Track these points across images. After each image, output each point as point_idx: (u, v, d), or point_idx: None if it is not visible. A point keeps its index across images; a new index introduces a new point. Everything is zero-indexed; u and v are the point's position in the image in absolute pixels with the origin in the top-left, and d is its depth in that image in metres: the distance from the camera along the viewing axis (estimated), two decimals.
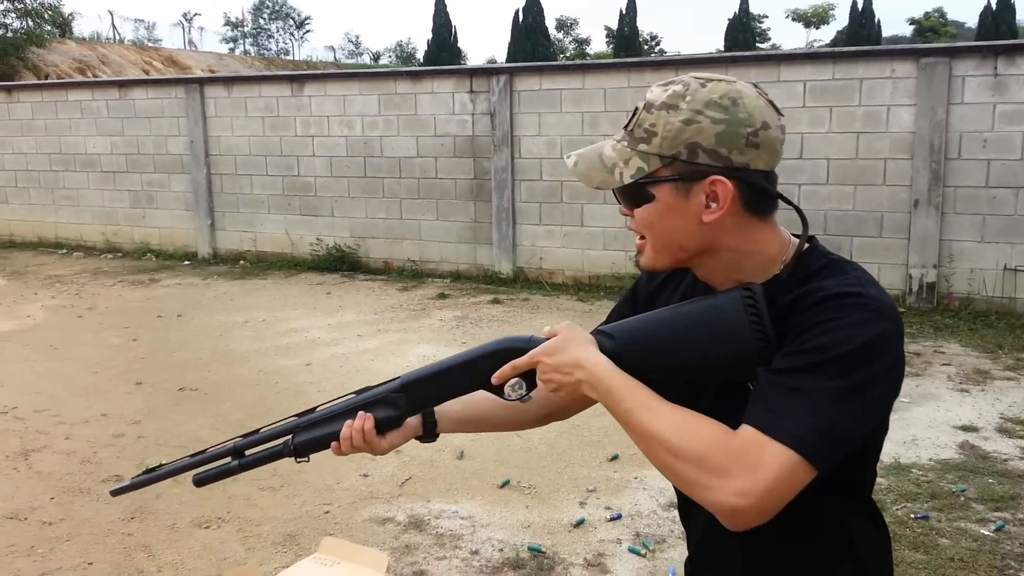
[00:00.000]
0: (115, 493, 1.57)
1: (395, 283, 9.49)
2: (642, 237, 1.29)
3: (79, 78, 28.13)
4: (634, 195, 1.25)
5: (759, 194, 1.22)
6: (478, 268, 9.67)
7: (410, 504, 4.01)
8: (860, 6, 50.76)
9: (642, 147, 1.22)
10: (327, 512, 3.92)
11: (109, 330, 7.41)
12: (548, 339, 1.32)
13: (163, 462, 1.57)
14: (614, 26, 62.29)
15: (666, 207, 1.22)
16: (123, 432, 4.98)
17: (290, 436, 1.51)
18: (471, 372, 1.44)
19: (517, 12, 54.11)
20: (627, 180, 1.23)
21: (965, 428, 4.89)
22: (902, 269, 7.79)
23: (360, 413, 1.46)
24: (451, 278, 9.66)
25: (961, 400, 5.39)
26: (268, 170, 10.74)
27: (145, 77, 19.81)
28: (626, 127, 1.26)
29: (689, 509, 1.42)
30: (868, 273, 1.22)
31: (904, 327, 1.20)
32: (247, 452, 1.53)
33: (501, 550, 3.57)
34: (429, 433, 1.55)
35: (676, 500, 1.58)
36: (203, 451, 1.54)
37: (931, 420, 5.02)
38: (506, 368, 1.37)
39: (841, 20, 68.22)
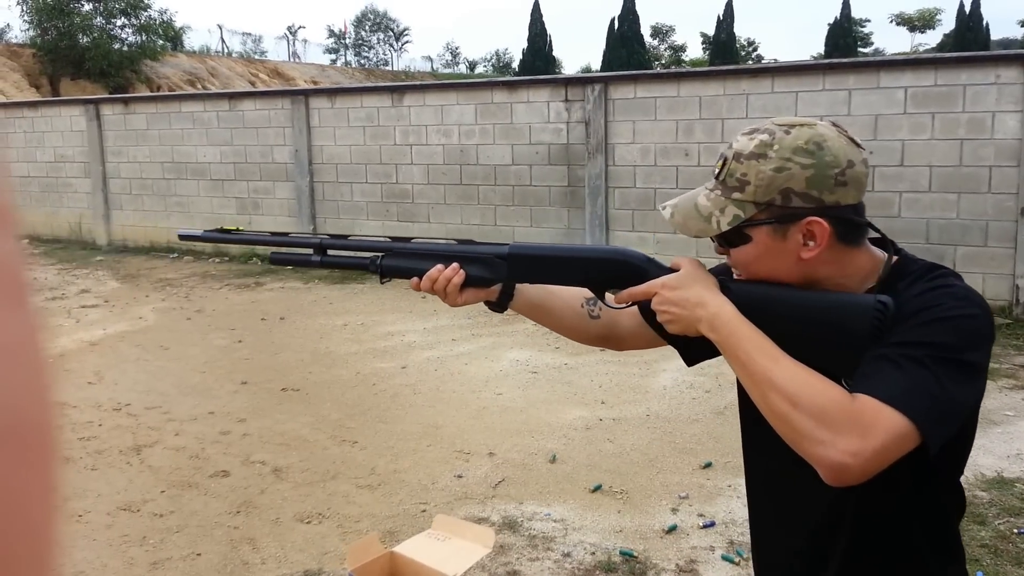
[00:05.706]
0: (183, 237, 1.63)
1: None
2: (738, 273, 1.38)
3: (191, 90, 29.34)
4: (731, 239, 1.33)
5: (851, 227, 1.30)
6: None
7: (503, 505, 4.08)
8: (968, 9, 48.90)
9: (736, 195, 1.29)
10: (423, 511, 4.01)
11: (216, 331, 7.70)
12: (671, 268, 1.39)
13: (241, 228, 1.57)
14: (710, 32, 61.61)
15: (765, 248, 1.30)
16: (229, 429, 5.18)
17: (379, 255, 1.52)
18: (580, 269, 1.45)
19: (613, 20, 54.01)
20: (724, 227, 1.30)
21: None
22: (1008, 279, 7.51)
23: (455, 265, 1.49)
24: None
25: None
26: (368, 178, 10.99)
27: (253, 89, 20.51)
28: (717, 176, 1.33)
29: (796, 534, 1.45)
30: (955, 272, 1.31)
31: (992, 315, 1.26)
32: (330, 252, 1.55)
33: (593, 553, 3.60)
34: (501, 304, 1.55)
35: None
36: (286, 234, 1.55)
37: None
38: (623, 293, 1.42)
39: (947, 23, 65.96)
